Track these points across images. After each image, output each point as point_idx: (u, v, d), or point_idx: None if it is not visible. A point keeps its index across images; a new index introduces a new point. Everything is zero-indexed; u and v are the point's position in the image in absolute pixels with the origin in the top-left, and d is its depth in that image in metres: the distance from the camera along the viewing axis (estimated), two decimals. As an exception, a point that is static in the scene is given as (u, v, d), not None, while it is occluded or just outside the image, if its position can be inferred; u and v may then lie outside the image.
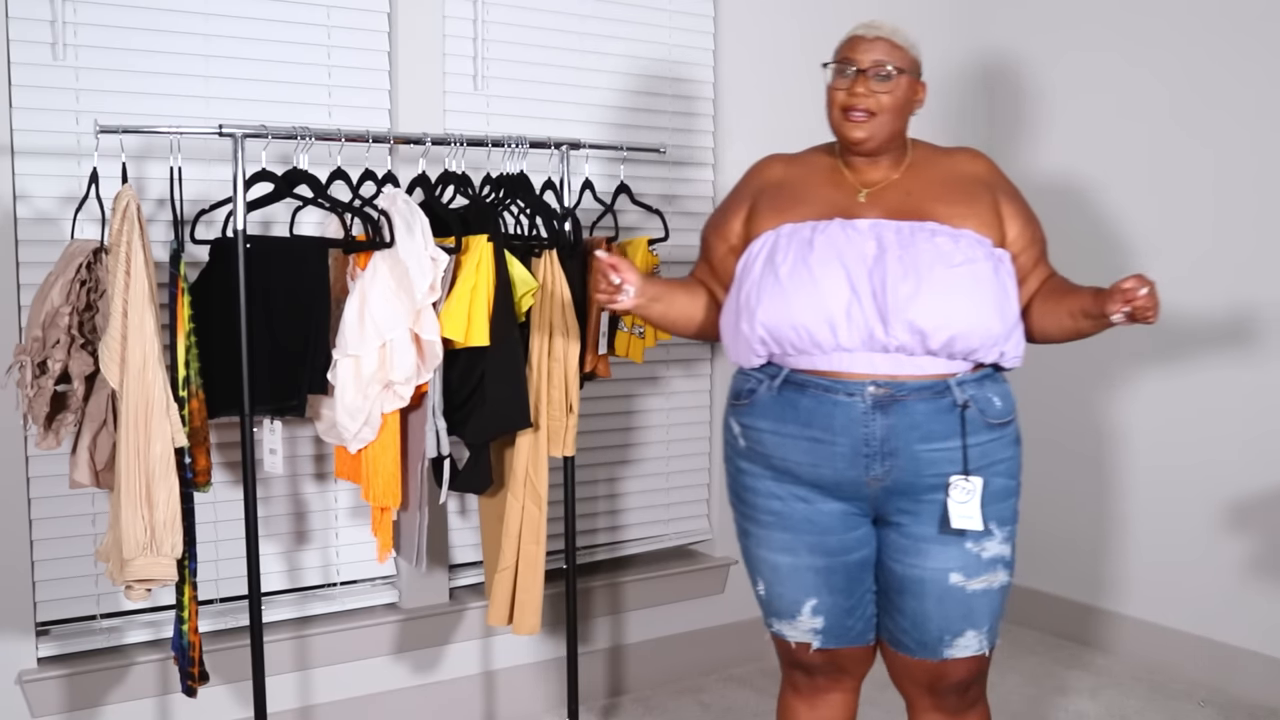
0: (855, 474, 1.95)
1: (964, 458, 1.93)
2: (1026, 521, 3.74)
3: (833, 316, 1.91)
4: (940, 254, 1.91)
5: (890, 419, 1.92)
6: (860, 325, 1.91)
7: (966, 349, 1.93)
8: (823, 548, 2.02)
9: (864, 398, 1.92)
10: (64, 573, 2.61)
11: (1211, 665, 3.30)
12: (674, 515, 3.43)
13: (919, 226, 1.95)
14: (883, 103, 1.99)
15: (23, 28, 2.49)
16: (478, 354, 2.43)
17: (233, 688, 2.72)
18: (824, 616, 2.06)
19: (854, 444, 1.93)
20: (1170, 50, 3.36)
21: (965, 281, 1.91)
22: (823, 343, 1.93)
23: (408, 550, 2.53)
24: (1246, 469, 3.21)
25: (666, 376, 3.36)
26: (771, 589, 2.09)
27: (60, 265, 2.25)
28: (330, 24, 2.83)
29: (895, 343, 1.90)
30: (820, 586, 2.04)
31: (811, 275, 1.93)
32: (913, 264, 1.90)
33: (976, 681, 2.09)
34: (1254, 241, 3.19)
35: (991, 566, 1.99)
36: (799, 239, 1.98)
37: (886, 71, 1.99)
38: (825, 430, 1.94)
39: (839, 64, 2.02)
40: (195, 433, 2.28)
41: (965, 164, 2.09)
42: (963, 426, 1.94)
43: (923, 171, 2.06)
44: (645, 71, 3.26)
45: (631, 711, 3.18)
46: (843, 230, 1.96)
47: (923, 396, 1.93)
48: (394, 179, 2.55)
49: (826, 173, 2.09)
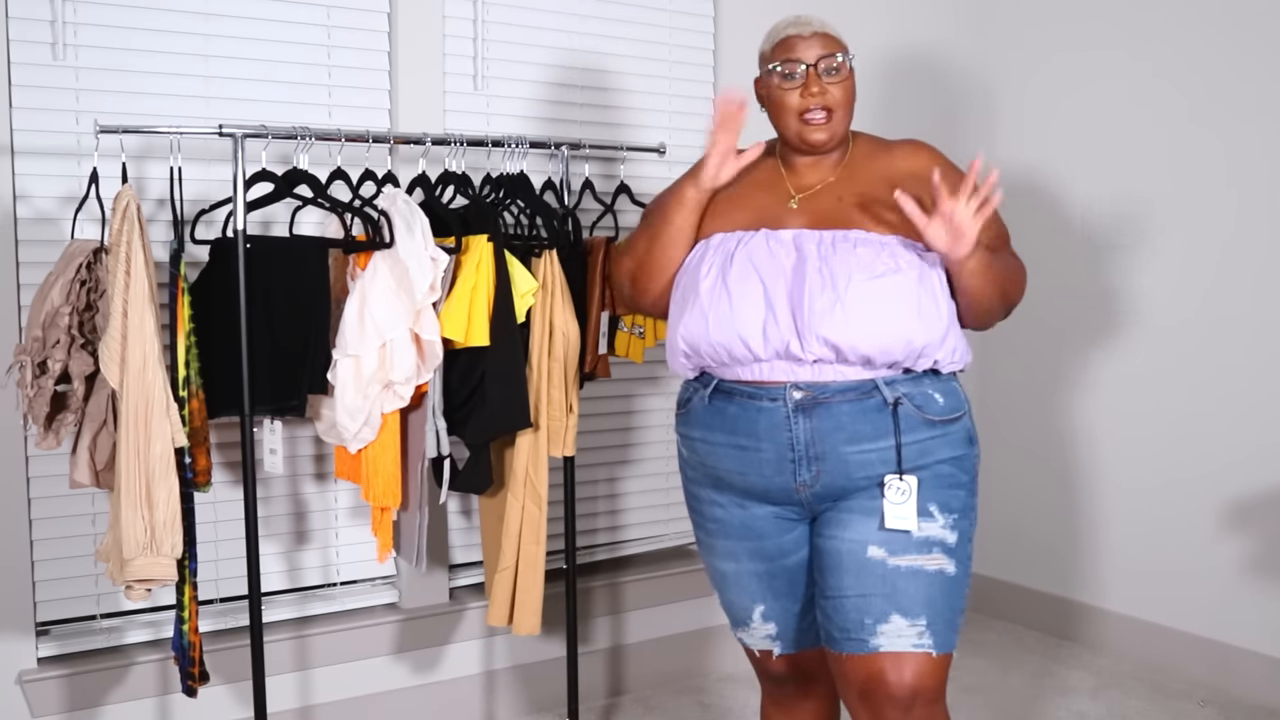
0: (783, 480, 1.90)
1: (898, 457, 1.85)
2: (1028, 522, 3.77)
3: (747, 335, 1.87)
4: (861, 264, 1.84)
5: (814, 422, 1.86)
6: (776, 341, 1.85)
7: (887, 361, 1.85)
8: (761, 553, 2.00)
9: (785, 402, 1.87)
10: (64, 573, 2.61)
11: (1211, 665, 3.30)
12: (674, 515, 3.43)
13: (842, 236, 1.88)
14: (837, 97, 1.94)
15: (23, 28, 2.49)
16: (478, 354, 2.43)
17: (233, 688, 2.73)
18: (775, 622, 2.05)
19: (779, 449, 1.88)
20: (1172, 45, 3.36)
21: (885, 292, 1.83)
22: (740, 358, 1.89)
23: (408, 550, 2.53)
24: (1248, 469, 3.21)
25: (666, 376, 3.36)
26: (724, 596, 2.10)
27: (60, 265, 2.25)
28: (330, 24, 2.83)
29: (812, 356, 1.85)
30: (764, 591, 2.03)
31: (728, 293, 1.89)
32: (830, 276, 1.83)
33: (921, 700, 1.83)
34: (1270, 240, 3.19)
35: (924, 547, 1.85)
36: (722, 252, 1.94)
37: (836, 64, 1.93)
38: (749, 437, 1.90)
39: (784, 65, 1.94)
40: (195, 433, 2.28)
41: (906, 160, 1.99)
42: (895, 424, 1.86)
43: (859, 171, 1.99)
44: (645, 71, 3.26)
45: (631, 711, 3.18)
46: (765, 242, 1.91)
47: (848, 398, 1.86)
48: (394, 179, 2.55)
49: (766, 175, 2.04)
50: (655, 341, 2.89)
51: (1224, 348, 3.26)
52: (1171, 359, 3.39)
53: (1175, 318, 3.38)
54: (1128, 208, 3.49)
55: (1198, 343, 3.32)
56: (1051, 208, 3.68)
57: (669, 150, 3.01)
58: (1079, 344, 3.64)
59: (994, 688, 3.33)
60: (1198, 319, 3.32)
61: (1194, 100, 3.30)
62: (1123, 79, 3.48)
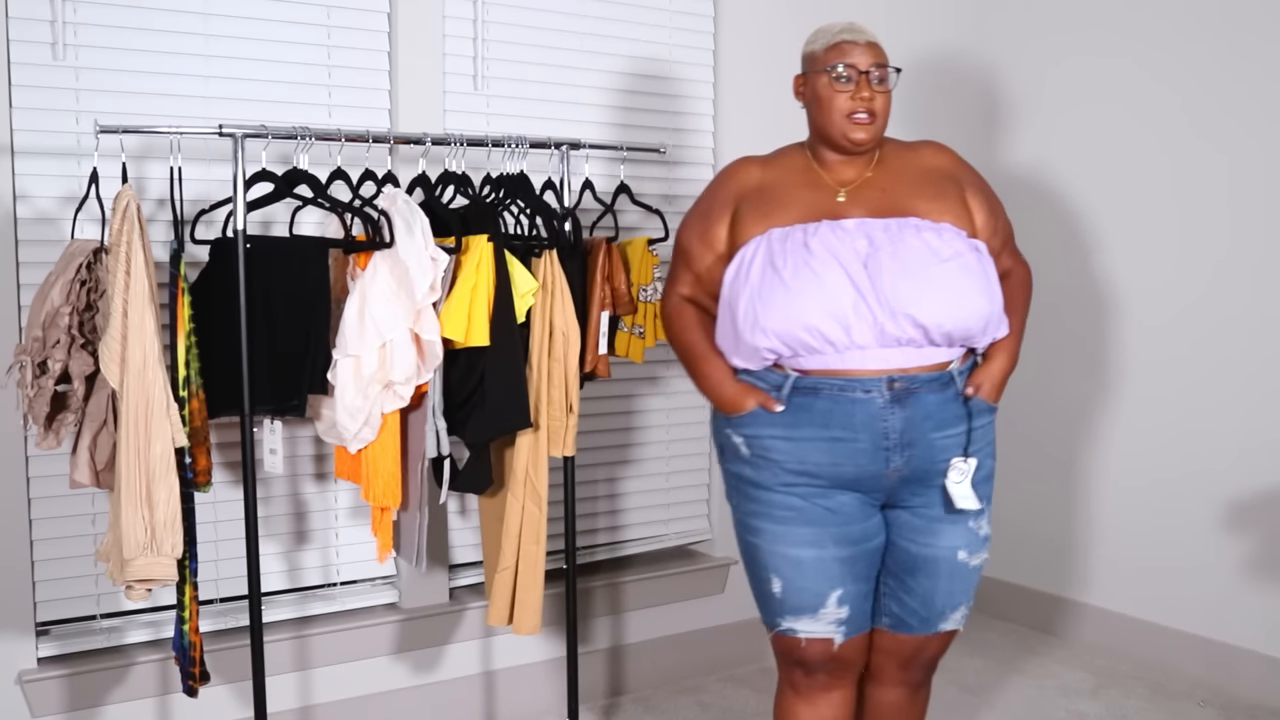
0: (876, 468, 2.01)
1: (967, 440, 2.04)
2: (1029, 522, 3.77)
3: (843, 315, 1.95)
4: (929, 248, 1.97)
5: (907, 411, 1.99)
6: (869, 321, 1.95)
7: (965, 336, 2.01)
8: (847, 538, 2.05)
9: (881, 393, 1.97)
10: (64, 573, 2.61)
11: (1211, 665, 3.30)
12: (674, 515, 3.43)
13: (904, 223, 2.01)
14: (882, 104, 2.07)
15: (23, 28, 2.49)
16: (478, 354, 2.43)
17: (233, 688, 2.73)
18: (849, 606, 2.08)
19: (874, 439, 1.99)
20: (1175, 54, 3.36)
21: (957, 273, 1.98)
22: (836, 342, 1.96)
23: (408, 550, 2.53)
24: (1248, 468, 3.21)
25: (666, 376, 3.36)
26: (792, 584, 2.07)
27: (60, 265, 2.25)
28: (330, 24, 2.83)
29: (905, 336, 1.96)
30: (845, 576, 2.06)
31: (816, 276, 1.96)
32: (906, 261, 1.96)
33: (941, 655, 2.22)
34: (1269, 240, 3.19)
35: (985, 544, 2.12)
36: (794, 242, 2.00)
37: (885, 74, 2.06)
38: (846, 429, 1.99)
39: (841, 69, 2.05)
40: (195, 433, 2.28)
41: (931, 157, 2.16)
42: (968, 411, 2.04)
43: (892, 167, 2.12)
44: (645, 71, 3.26)
45: (631, 711, 3.18)
46: (832, 231, 2.00)
47: (932, 388, 2.00)
48: (394, 179, 2.55)
49: (802, 173, 2.13)
50: (655, 341, 2.89)
51: (1223, 347, 3.26)
52: (1171, 359, 3.39)
53: (1175, 317, 3.38)
54: (1127, 208, 3.49)
55: (1196, 342, 3.33)
56: (1052, 208, 3.68)
57: (669, 150, 3.01)
58: (1079, 345, 3.64)
59: (994, 688, 3.33)
60: (1197, 318, 3.32)
61: (1193, 100, 3.30)
62: (1126, 84, 3.48)
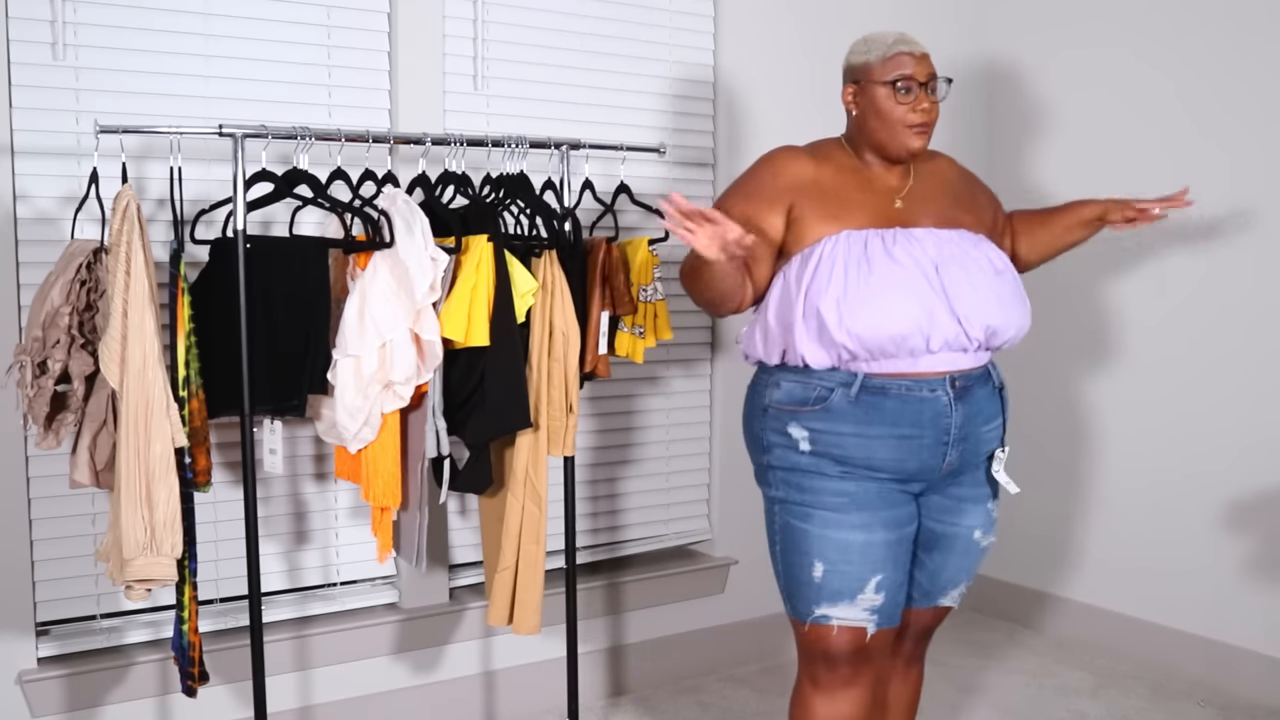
0: (935, 461, 2.09)
1: (1003, 432, 2.19)
2: (1029, 522, 3.77)
3: (925, 325, 2.01)
4: (987, 259, 2.09)
5: (965, 408, 2.09)
6: (945, 330, 2.02)
7: (1006, 341, 2.13)
8: (894, 522, 2.10)
9: (945, 391, 2.06)
10: (64, 573, 2.61)
11: (1211, 665, 3.30)
12: (674, 515, 3.43)
13: (962, 235, 2.10)
14: (935, 116, 2.13)
15: (23, 28, 2.49)
16: (478, 354, 2.43)
17: (233, 688, 2.73)
18: (885, 592, 2.09)
19: (937, 435, 2.07)
20: (1174, 49, 3.36)
21: (1011, 287, 2.11)
22: (915, 349, 2.02)
23: (408, 550, 2.53)
24: (1248, 468, 3.21)
25: (666, 376, 3.37)
26: (836, 568, 2.08)
27: (60, 265, 2.25)
28: (330, 24, 2.83)
29: (976, 343, 2.06)
30: (887, 560, 2.09)
31: (901, 285, 2.01)
32: (972, 273, 2.05)
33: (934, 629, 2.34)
34: (1268, 239, 3.19)
35: (996, 526, 2.25)
36: (875, 249, 2.03)
37: (937, 84, 2.12)
38: (914, 426, 2.06)
39: (902, 81, 2.08)
40: (195, 433, 2.28)
41: (947, 168, 2.27)
42: (1003, 404, 2.19)
43: (924, 176, 2.19)
44: (645, 71, 3.26)
45: (631, 711, 3.18)
46: (909, 240, 2.05)
47: (980, 384, 2.13)
48: (394, 179, 2.55)
49: (854, 174, 2.16)
50: (655, 341, 2.89)
51: (1222, 347, 3.26)
52: (1170, 358, 3.39)
53: (1175, 316, 3.38)
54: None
55: (1195, 341, 3.32)
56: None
57: (669, 150, 3.01)
58: (1078, 345, 3.64)
59: (994, 688, 3.33)
60: (1197, 317, 3.32)
61: (1193, 96, 3.30)
62: (1124, 79, 3.48)
